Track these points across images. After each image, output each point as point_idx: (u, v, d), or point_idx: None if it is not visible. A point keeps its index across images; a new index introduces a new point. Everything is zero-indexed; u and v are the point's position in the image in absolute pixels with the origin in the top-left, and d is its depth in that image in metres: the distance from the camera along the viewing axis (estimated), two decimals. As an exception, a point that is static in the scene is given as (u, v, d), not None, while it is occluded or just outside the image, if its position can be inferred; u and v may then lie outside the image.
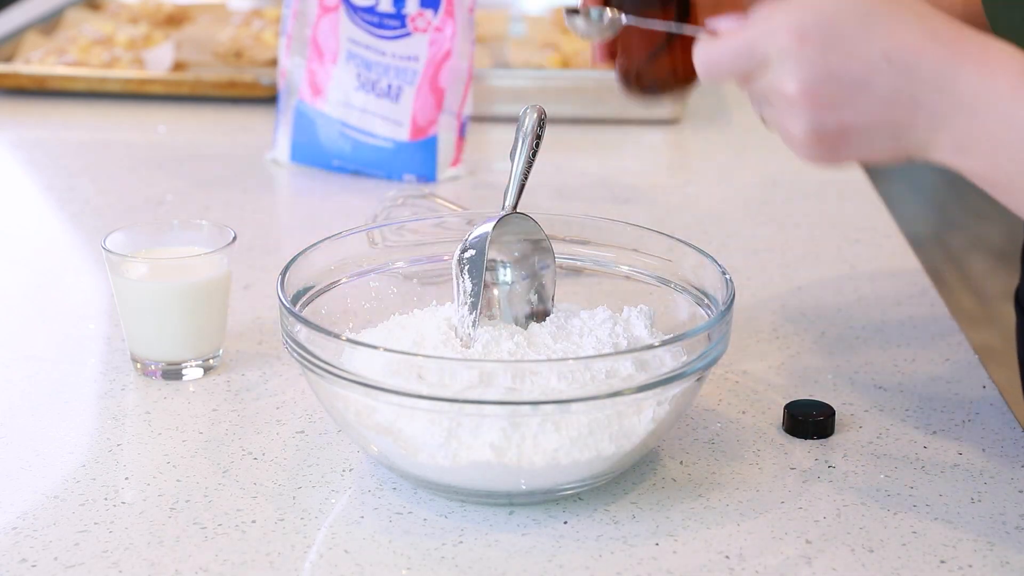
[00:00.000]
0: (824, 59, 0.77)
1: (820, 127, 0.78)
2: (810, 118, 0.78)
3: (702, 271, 0.94)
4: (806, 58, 0.77)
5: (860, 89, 0.77)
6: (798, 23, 0.77)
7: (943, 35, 0.77)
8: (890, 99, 0.77)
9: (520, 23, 2.03)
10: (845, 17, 0.77)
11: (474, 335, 0.90)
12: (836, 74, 0.77)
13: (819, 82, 0.77)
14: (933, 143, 0.78)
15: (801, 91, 0.78)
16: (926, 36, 0.77)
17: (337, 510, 0.86)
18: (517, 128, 0.90)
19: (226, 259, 1.03)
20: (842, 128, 0.78)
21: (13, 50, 1.84)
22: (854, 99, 0.77)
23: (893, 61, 0.76)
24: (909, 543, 0.83)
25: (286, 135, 1.51)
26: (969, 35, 0.77)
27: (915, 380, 1.03)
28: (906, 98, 0.77)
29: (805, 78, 0.77)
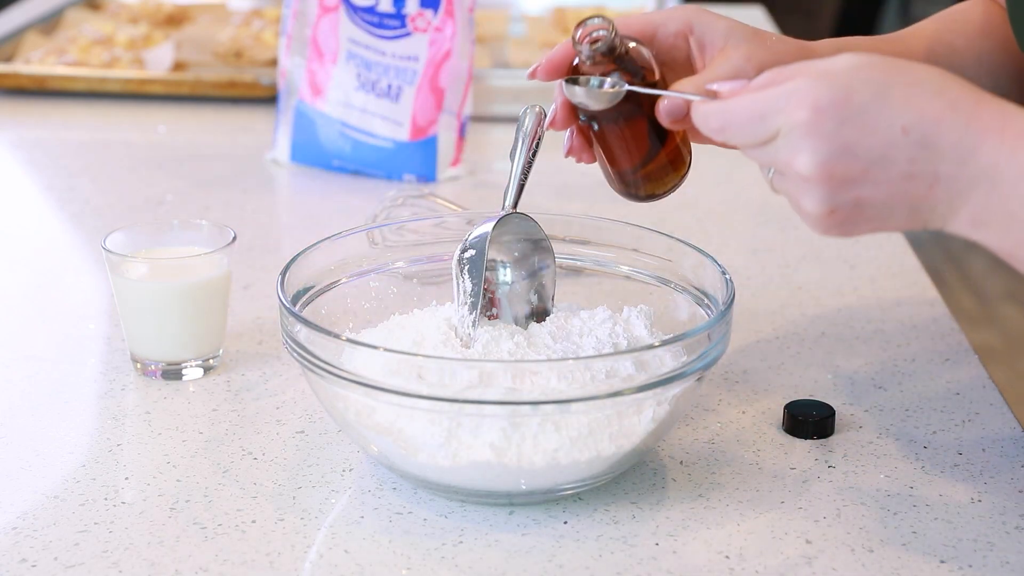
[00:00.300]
0: (840, 134, 0.74)
1: (835, 204, 0.76)
2: (825, 196, 0.76)
3: (702, 271, 0.94)
4: (821, 133, 0.75)
5: (877, 164, 0.75)
6: (813, 96, 0.75)
7: (962, 105, 0.75)
8: (908, 173, 0.75)
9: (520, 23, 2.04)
10: (861, 88, 0.75)
11: (474, 335, 0.90)
12: (852, 149, 0.75)
13: (835, 158, 0.75)
14: (952, 216, 0.76)
15: (816, 168, 0.75)
16: (945, 107, 0.74)
17: (337, 510, 0.86)
18: (517, 128, 0.90)
19: (226, 259, 1.03)
20: (858, 204, 0.76)
21: (13, 50, 1.84)
22: (871, 174, 0.75)
23: (911, 134, 0.74)
24: (909, 543, 0.83)
25: (286, 135, 1.51)
26: (989, 104, 0.75)
27: (915, 380, 1.03)
28: (925, 172, 0.75)
29: (820, 155, 0.75)
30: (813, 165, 0.75)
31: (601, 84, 0.85)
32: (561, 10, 2.00)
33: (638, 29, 0.89)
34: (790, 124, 0.75)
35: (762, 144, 0.78)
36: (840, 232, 0.78)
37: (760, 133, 0.77)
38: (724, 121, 0.79)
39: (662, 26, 0.89)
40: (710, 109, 0.79)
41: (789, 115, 0.75)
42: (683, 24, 0.89)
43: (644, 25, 0.89)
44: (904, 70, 0.76)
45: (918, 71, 0.76)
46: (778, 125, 0.76)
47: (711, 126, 0.80)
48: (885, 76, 0.75)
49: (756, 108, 0.77)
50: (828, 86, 0.75)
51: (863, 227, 0.78)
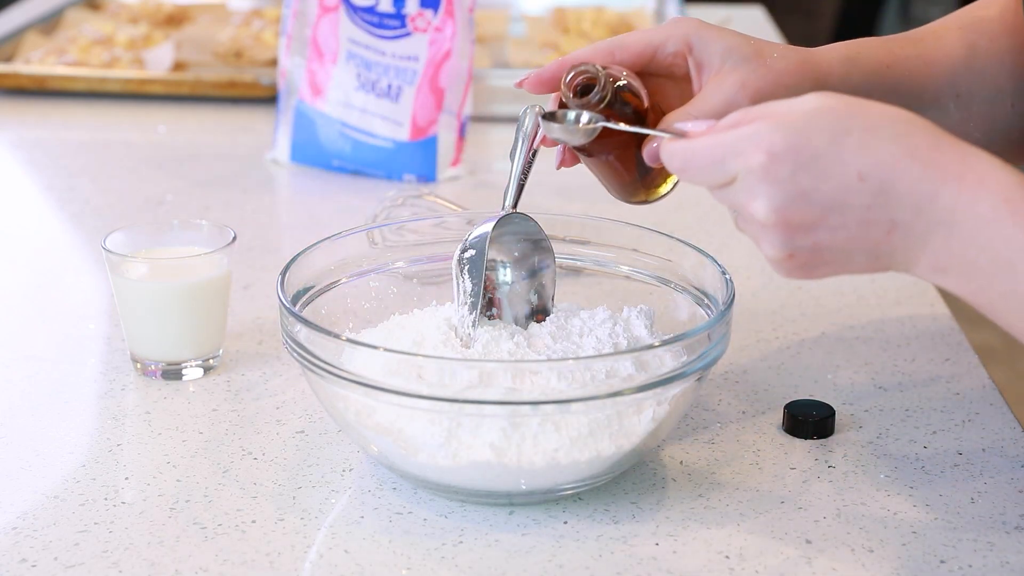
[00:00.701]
0: (795, 180, 0.74)
1: (793, 249, 0.77)
2: (782, 241, 0.76)
3: (702, 271, 0.94)
4: (777, 179, 0.75)
5: (834, 210, 0.75)
6: (768, 141, 0.75)
7: (920, 151, 0.74)
8: (866, 219, 0.75)
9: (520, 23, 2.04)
10: (817, 134, 0.74)
11: (474, 335, 0.90)
12: (808, 195, 0.75)
13: (791, 204, 0.75)
14: (912, 262, 0.76)
15: (771, 214, 0.75)
16: (902, 153, 0.74)
17: (337, 510, 0.86)
18: (517, 128, 0.90)
19: (226, 259, 1.03)
20: (817, 248, 0.76)
21: (13, 50, 1.84)
22: (828, 220, 0.75)
23: (868, 180, 0.74)
24: (909, 543, 0.83)
25: (286, 135, 1.51)
26: (949, 149, 0.75)
27: (915, 380, 1.03)
28: (882, 218, 0.75)
29: (776, 201, 0.75)
30: (768, 211, 0.76)
31: (578, 119, 0.85)
32: (561, 10, 2.00)
33: (636, 52, 0.89)
34: (747, 169, 0.76)
35: (722, 187, 0.78)
36: (802, 275, 0.79)
37: (718, 176, 0.77)
38: (685, 162, 0.79)
39: (660, 47, 0.89)
40: (674, 148, 0.80)
41: (746, 160, 0.76)
42: (681, 44, 0.89)
43: (643, 47, 0.89)
44: (863, 114, 0.76)
45: (877, 115, 0.76)
46: (736, 169, 0.76)
47: (674, 165, 0.80)
48: (843, 121, 0.75)
49: (715, 151, 0.77)
50: (784, 132, 0.75)
51: (823, 270, 0.78)
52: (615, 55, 0.89)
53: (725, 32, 0.89)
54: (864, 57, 0.93)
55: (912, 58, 0.95)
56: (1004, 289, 0.74)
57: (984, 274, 0.74)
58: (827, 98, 0.77)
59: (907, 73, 0.95)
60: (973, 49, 0.97)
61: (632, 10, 2.04)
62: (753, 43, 0.89)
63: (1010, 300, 0.74)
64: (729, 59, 0.88)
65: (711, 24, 0.90)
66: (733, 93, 0.87)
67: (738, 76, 0.87)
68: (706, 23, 0.90)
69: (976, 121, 0.97)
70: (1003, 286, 0.74)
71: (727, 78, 0.87)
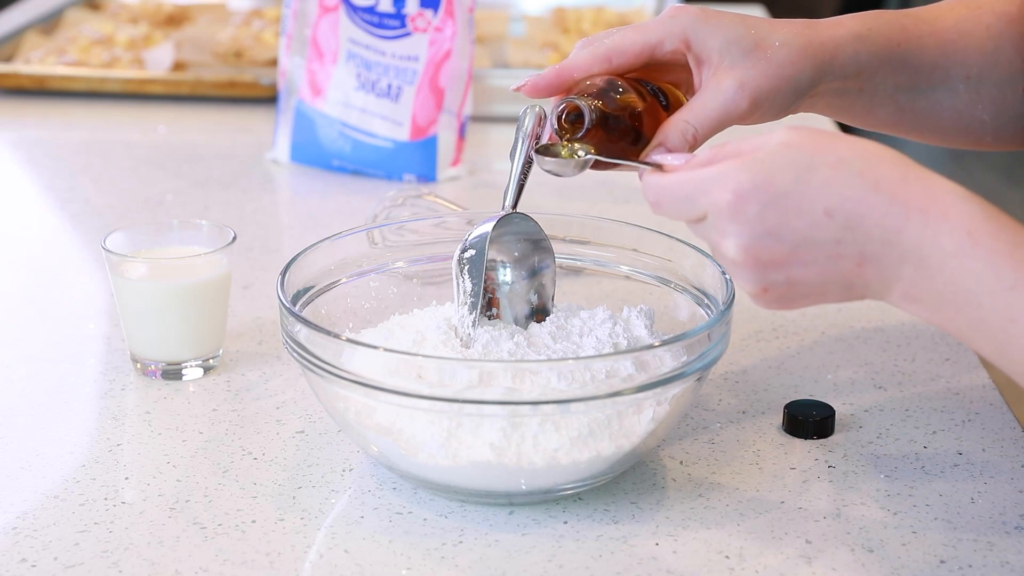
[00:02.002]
0: (762, 218, 0.75)
1: (767, 283, 0.77)
2: (754, 277, 0.77)
3: (702, 271, 0.94)
4: (744, 218, 0.75)
5: (802, 247, 0.75)
6: (735, 181, 0.75)
7: (886, 184, 0.74)
8: (836, 253, 0.75)
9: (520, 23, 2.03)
10: (782, 173, 0.75)
11: (474, 335, 0.90)
12: (776, 233, 0.75)
13: (758, 243, 0.76)
14: (886, 292, 0.76)
15: (740, 253, 0.76)
16: (868, 188, 0.74)
17: (337, 510, 0.86)
18: (517, 128, 0.90)
19: (226, 259, 1.03)
20: (790, 282, 0.77)
21: (13, 50, 1.84)
22: (798, 256, 0.76)
23: (835, 216, 0.74)
24: (909, 543, 0.83)
25: (286, 135, 1.51)
26: (915, 181, 0.75)
27: (915, 380, 1.03)
28: (852, 252, 0.75)
29: (744, 239, 0.76)
30: (737, 249, 0.76)
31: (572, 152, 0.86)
32: (561, 10, 2.00)
33: (634, 55, 0.89)
34: (715, 208, 0.76)
35: (694, 222, 0.79)
36: (780, 307, 0.79)
37: (688, 213, 0.78)
38: (657, 196, 0.80)
39: (658, 46, 0.89)
40: (649, 182, 0.81)
41: (713, 198, 0.76)
42: (679, 42, 0.88)
43: (640, 50, 0.89)
44: (829, 149, 0.76)
45: (844, 149, 0.76)
46: (705, 207, 0.77)
47: (648, 199, 0.81)
48: (808, 157, 0.75)
49: (685, 189, 0.78)
50: (750, 171, 0.75)
51: (801, 302, 0.79)
52: (612, 61, 0.89)
53: (724, 23, 0.88)
54: (875, 34, 0.92)
55: (924, 36, 0.94)
56: (971, 320, 0.74)
57: (952, 305, 0.74)
58: (795, 134, 0.77)
59: (918, 51, 0.94)
60: (987, 31, 0.96)
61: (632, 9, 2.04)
62: (754, 32, 0.89)
63: (978, 330, 0.75)
64: (728, 54, 0.88)
65: (710, 13, 0.89)
66: (732, 94, 0.87)
67: (737, 75, 0.87)
68: (705, 12, 0.89)
69: (985, 103, 0.97)
70: (970, 317, 0.74)
71: (725, 78, 0.87)
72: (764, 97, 0.88)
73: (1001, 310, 0.73)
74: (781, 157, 0.76)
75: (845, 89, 0.93)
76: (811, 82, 0.90)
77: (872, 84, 0.94)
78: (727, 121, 0.88)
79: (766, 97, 0.88)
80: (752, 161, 0.76)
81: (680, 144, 0.86)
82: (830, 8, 4.19)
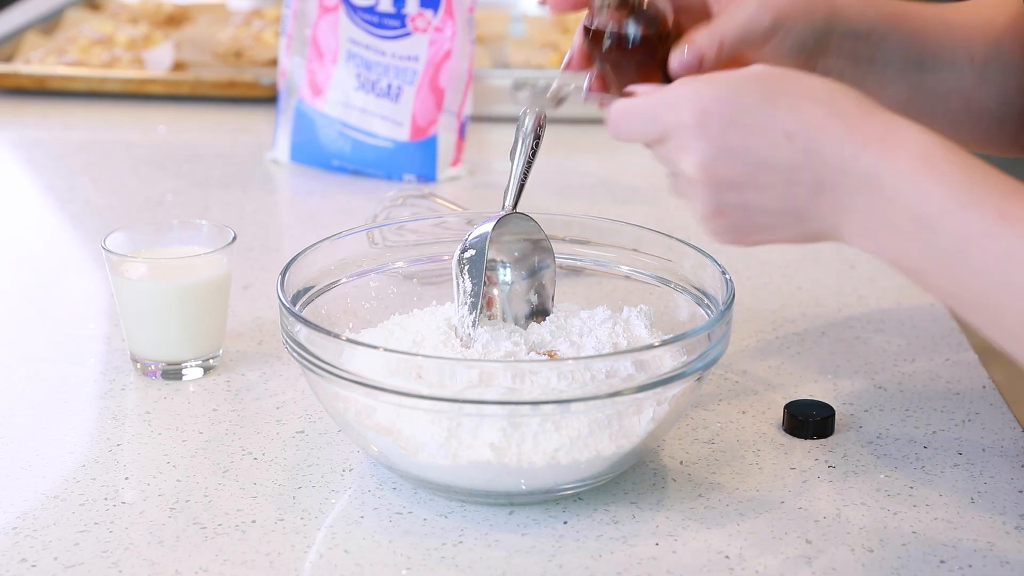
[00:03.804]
0: (724, 136, 0.76)
1: (721, 205, 0.78)
2: (710, 197, 0.78)
3: (702, 271, 0.94)
4: (705, 135, 0.76)
5: (760, 168, 0.76)
6: (699, 98, 0.76)
7: (849, 115, 0.75)
8: (793, 179, 0.76)
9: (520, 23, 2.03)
10: (748, 94, 0.76)
11: (474, 335, 0.90)
12: (736, 151, 0.76)
13: (718, 160, 0.76)
14: (841, 226, 0.76)
15: (699, 169, 0.77)
16: (831, 115, 0.75)
17: (337, 510, 0.86)
18: (517, 128, 0.90)
19: (226, 259, 1.03)
20: (744, 207, 0.77)
21: (13, 50, 1.84)
22: (755, 178, 0.76)
23: (795, 140, 0.75)
24: (909, 543, 0.83)
25: (286, 135, 1.51)
26: (876, 116, 0.75)
27: (915, 380, 1.03)
28: (809, 179, 0.75)
29: (704, 156, 0.76)
30: (696, 165, 0.77)
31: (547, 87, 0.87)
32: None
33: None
34: (678, 125, 0.77)
35: (655, 143, 0.79)
36: (733, 239, 0.80)
37: (651, 132, 0.79)
38: (618, 118, 0.81)
39: None
40: (614, 106, 0.81)
41: (678, 114, 0.77)
42: None
43: None
44: (796, 80, 0.77)
45: (812, 83, 0.77)
46: (668, 124, 0.78)
47: (609, 123, 0.81)
48: (776, 84, 0.76)
49: (650, 109, 0.79)
50: (717, 89, 0.76)
51: (754, 236, 0.79)
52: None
53: None
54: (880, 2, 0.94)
55: (929, 18, 0.96)
56: (924, 246, 0.74)
57: (905, 233, 0.74)
58: (766, 68, 0.78)
59: (922, 27, 0.96)
60: (991, 23, 0.98)
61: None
62: None
63: (931, 257, 0.74)
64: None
65: None
66: (754, 10, 0.88)
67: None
68: None
69: (990, 88, 0.98)
70: (923, 242, 0.74)
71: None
72: (784, 18, 0.88)
73: (954, 231, 0.73)
74: (749, 81, 0.77)
75: (858, 55, 0.94)
76: (825, 23, 0.91)
77: (882, 53, 0.94)
78: (750, 36, 0.88)
79: (786, 20, 0.89)
80: (720, 80, 0.77)
81: (708, 45, 0.86)
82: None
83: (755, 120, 0.76)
